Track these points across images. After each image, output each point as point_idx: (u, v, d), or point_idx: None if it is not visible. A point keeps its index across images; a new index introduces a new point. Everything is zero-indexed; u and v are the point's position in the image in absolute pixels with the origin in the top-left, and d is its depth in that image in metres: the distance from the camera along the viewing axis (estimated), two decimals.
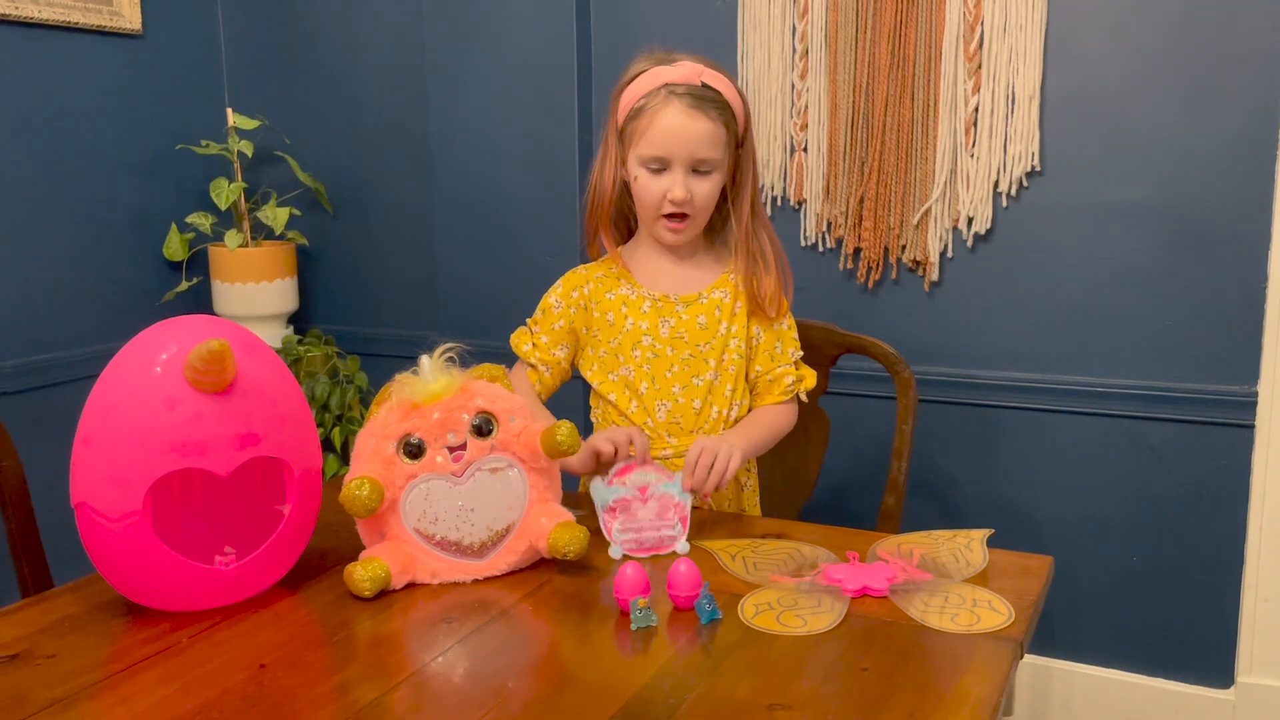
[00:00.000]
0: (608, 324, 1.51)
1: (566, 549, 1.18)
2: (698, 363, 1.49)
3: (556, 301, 1.53)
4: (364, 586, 1.14)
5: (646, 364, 1.49)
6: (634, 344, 1.49)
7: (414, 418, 1.18)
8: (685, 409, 1.49)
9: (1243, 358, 1.90)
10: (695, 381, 1.49)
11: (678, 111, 1.40)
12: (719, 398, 1.49)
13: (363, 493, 1.13)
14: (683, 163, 1.41)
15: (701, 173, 1.43)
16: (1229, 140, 1.86)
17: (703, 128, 1.41)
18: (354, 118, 2.59)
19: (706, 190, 1.44)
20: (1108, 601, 2.06)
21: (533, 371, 1.52)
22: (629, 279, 1.52)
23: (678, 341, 1.49)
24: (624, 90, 1.46)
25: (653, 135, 1.41)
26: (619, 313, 1.50)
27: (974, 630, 1.05)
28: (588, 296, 1.52)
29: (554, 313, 1.52)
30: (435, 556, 1.19)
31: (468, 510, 1.19)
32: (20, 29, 2.23)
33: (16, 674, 1.00)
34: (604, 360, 1.51)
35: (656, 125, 1.41)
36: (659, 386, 1.49)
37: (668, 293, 1.50)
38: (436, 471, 1.18)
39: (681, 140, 1.40)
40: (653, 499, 1.29)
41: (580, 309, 1.52)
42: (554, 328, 1.52)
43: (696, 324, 1.49)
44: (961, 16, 1.97)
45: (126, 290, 2.48)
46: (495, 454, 1.20)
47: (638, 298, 1.50)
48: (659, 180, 1.43)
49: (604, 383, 1.51)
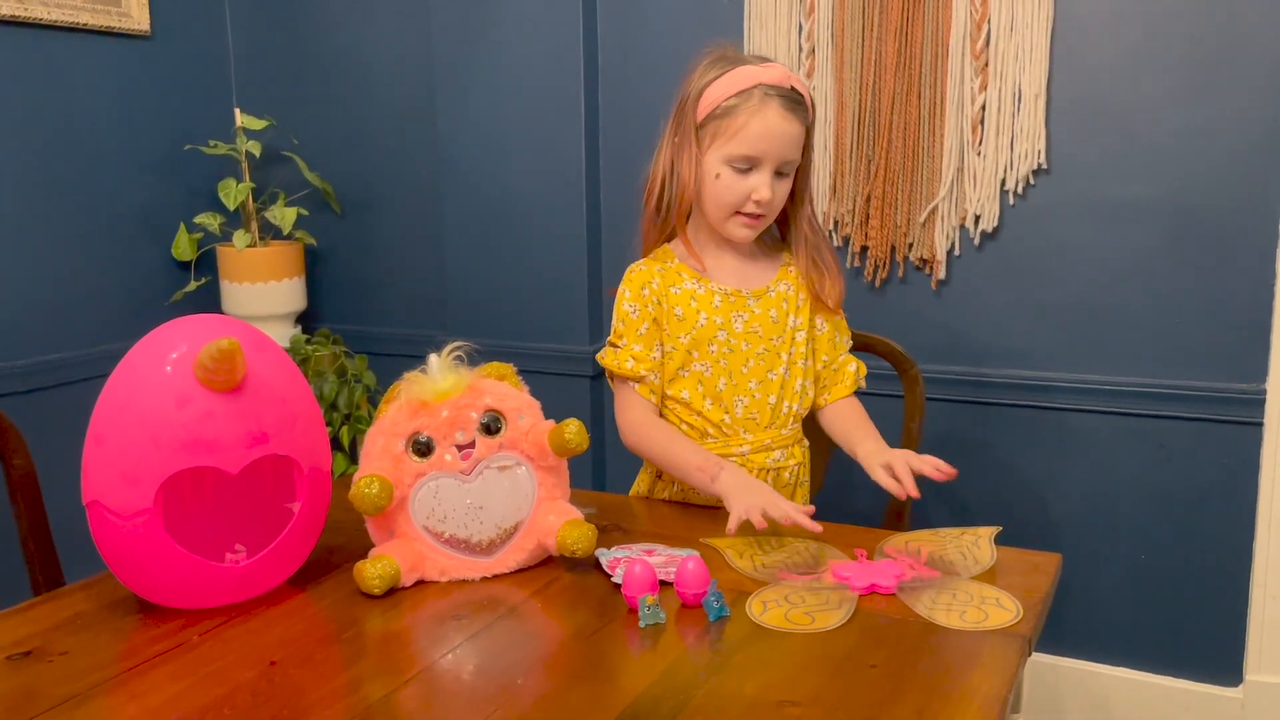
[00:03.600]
0: (676, 319, 1.47)
1: (575, 546, 1.18)
2: (771, 357, 1.48)
3: (631, 306, 1.47)
4: (374, 584, 1.14)
5: (723, 359, 1.47)
6: (709, 340, 1.47)
7: (423, 416, 1.19)
8: (761, 404, 1.48)
9: (1251, 355, 1.90)
10: (770, 376, 1.48)
11: (776, 113, 1.39)
12: (790, 392, 1.49)
13: (372, 491, 1.14)
14: (772, 163, 1.41)
15: (784, 174, 1.44)
16: (1236, 137, 1.86)
17: (795, 131, 1.41)
18: (362, 118, 2.60)
19: (785, 191, 1.45)
20: (1116, 599, 2.05)
21: (643, 386, 1.46)
22: (692, 273, 1.49)
23: (752, 336, 1.48)
24: (707, 87, 1.42)
25: (747, 134, 1.40)
26: (688, 307, 1.47)
27: (982, 627, 1.05)
28: (657, 291, 1.47)
29: (634, 318, 1.47)
30: (444, 554, 1.19)
31: (476, 508, 1.19)
32: (29, 30, 2.24)
33: (29, 671, 1.00)
34: (672, 356, 1.47)
35: (754, 125, 1.39)
36: (736, 383, 1.47)
37: (739, 287, 1.49)
38: (445, 470, 1.19)
39: (777, 141, 1.40)
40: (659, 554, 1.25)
41: (655, 304, 1.47)
42: (640, 332, 1.46)
43: (769, 318, 1.48)
44: (968, 15, 1.97)
45: (135, 290, 2.49)
46: (504, 452, 1.20)
47: (706, 292, 1.48)
48: (745, 180, 1.41)
49: (674, 380, 1.48)
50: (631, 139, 2.26)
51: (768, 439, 1.49)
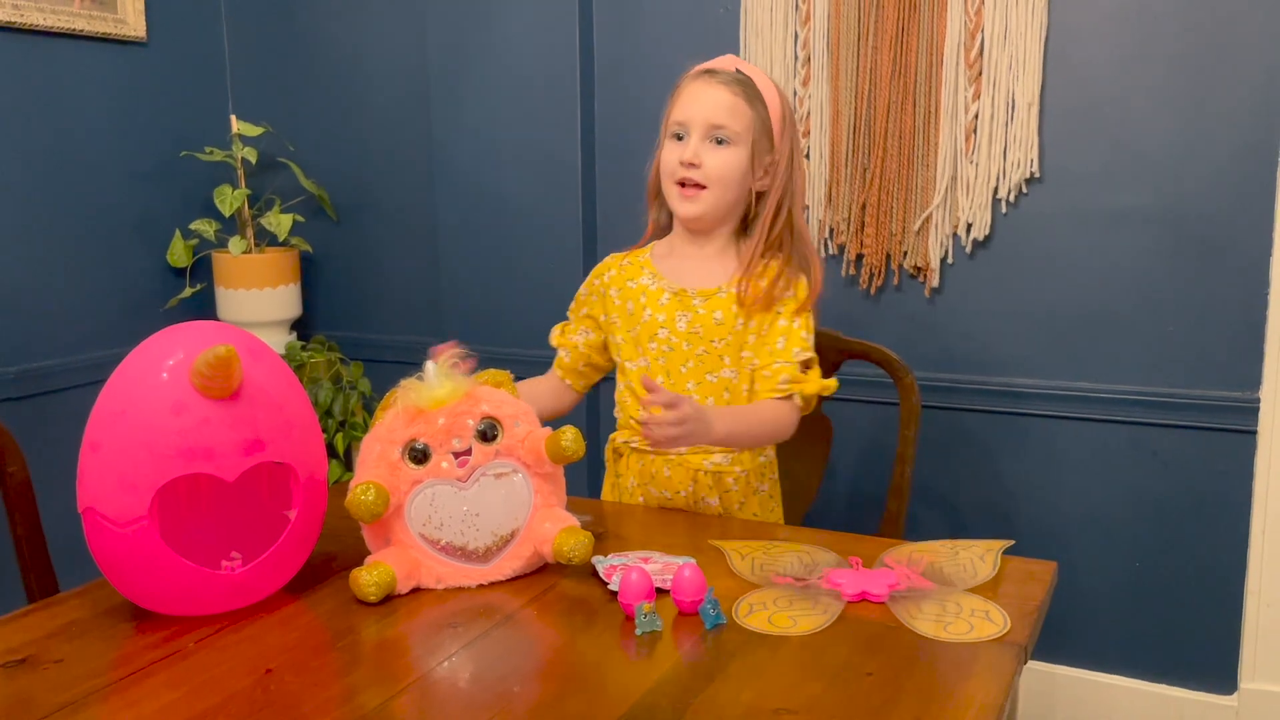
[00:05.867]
0: (627, 313, 1.52)
1: (571, 554, 1.18)
2: (712, 359, 1.48)
3: (583, 290, 1.59)
4: (369, 591, 1.14)
5: (662, 357, 1.49)
6: (651, 336, 1.50)
7: (419, 423, 1.19)
8: None
9: (1244, 363, 1.90)
10: (709, 379, 1.48)
11: (706, 81, 1.46)
12: (736, 397, 1.48)
13: (368, 498, 1.14)
14: (700, 127, 1.44)
15: (719, 141, 1.44)
16: (1229, 146, 1.86)
17: (722, 96, 1.44)
18: (357, 124, 2.60)
19: (721, 160, 1.44)
20: (1110, 607, 2.06)
21: (558, 359, 1.60)
22: (652, 269, 1.53)
23: (693, 336, 1.48)
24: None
25: (678, 105, 1.47)
26: (638, 302, 1.51)
27: (966, 639, 1.04)
28: (607, 283, 1.55)
29: (579, 299, 1.59)
30: (440, 561, 1.19)
31: (473, 515, 1.19)
32: (25, 36, 2.23)
33: (24, 679, 1.00)
34: (622, 349, 1.53)
35: (685, 93, 1.47)
36: (674, 381, 1.48)
37: (687, 286, 1.50)
38: (441, 477, 1.19)
39: (705, 105, 1.44)
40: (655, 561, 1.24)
41: (599, 295, 1.55)
42: (580, 314, 1.59)
43: (712, 319, 1.48)
44: (963, 24, 1.98)
45: (130, 296, 2.49)
46: (500, 459, 1.20)
47: (657, 289, 1.51)
48: (677, 147, 1.46)
49: (623, 371, 1.54)
50: (627, 147, 2.26)
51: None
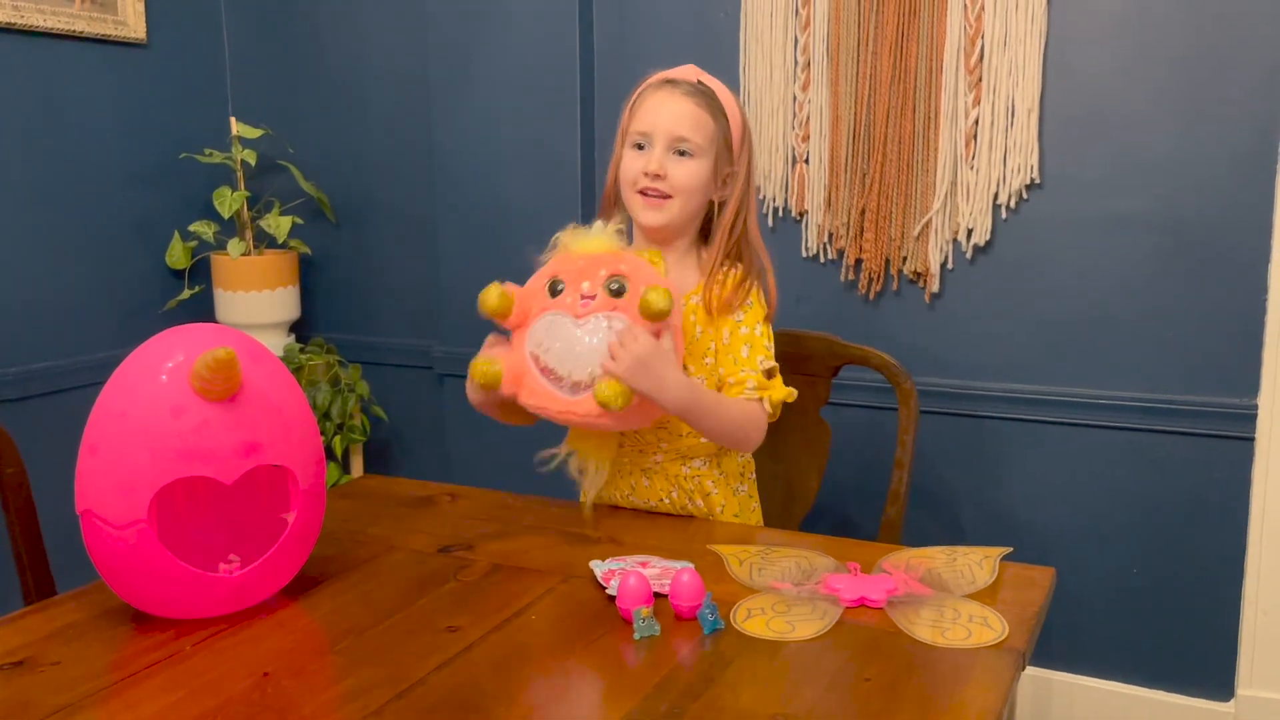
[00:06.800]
0: None
1: (614, 400, 1.24)
2: None
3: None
4: (480, 375, 1.29)
5: None
6: None
7: (565, 265, 1.33)
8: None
9: (1243, 370, 1.91)
10: None
11: (668, 92, 1.46)
12: None
13: (492, 296, 1.31)
14: (663, 138, 1.44)
15: (682, 153, 1.44)
16: (1229, 153, 1.87)
17: (685, 107, 1.44)
18: (357, 127, 2.60)
19: (685, 172, 1.44)
20: (1108, 613, 2.06)
21: None
22: None
23: None
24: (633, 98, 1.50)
25: (641, 113, 1.47)
26: None
27: (964, 645, 1.04)
28: None
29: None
30: (538, 380, 1.30)
31: (575, 349, 1.28)
32: (25, 37, 2.24)
33: (21, 681, 1.00)
34: None
35: (647, 103, 1.46)
36: None
37: None
38: (564, 310, 1.31)
39: (667, 115, 1.44)
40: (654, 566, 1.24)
41: None
42: None
43: None
44: (962, 29, 1.98)
45: (129, 298, 2.49)
46: (619, 313, 1.29)
47: None
48: (640, 157, 1.45)
49: None
50: None
51: (683, 448, 1.48)
